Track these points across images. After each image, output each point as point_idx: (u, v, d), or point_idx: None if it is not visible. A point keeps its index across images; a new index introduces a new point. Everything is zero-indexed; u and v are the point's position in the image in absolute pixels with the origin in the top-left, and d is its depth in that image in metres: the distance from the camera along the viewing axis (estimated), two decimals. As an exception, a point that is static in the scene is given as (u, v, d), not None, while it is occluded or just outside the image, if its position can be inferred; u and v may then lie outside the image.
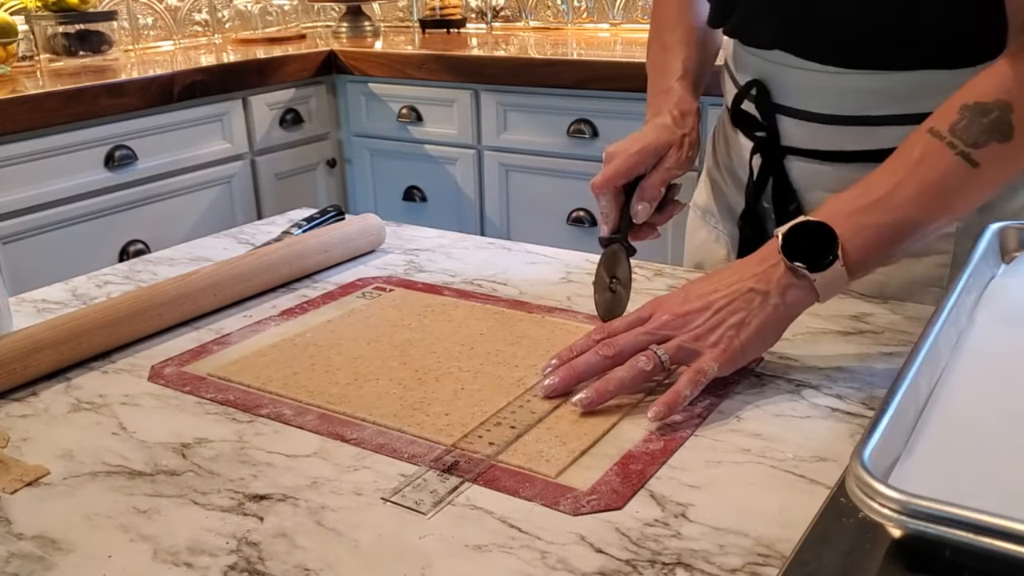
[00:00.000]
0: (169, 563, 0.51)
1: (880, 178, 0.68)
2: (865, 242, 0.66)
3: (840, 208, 0.67)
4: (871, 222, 0.66)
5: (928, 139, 0.67)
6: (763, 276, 0.66)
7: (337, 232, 0.97)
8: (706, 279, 0.69)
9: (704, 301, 0.67)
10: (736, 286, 0.67)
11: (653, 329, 0.67)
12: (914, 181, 0.67)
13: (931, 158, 0.67)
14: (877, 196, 0.67)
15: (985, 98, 0.67)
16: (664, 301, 0.69)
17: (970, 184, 0.67)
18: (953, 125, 0.67)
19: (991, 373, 0.57)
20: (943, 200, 0.67)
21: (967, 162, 0.66)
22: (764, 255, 0.68)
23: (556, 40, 2.44)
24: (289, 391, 0.69)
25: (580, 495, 0.55)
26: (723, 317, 0.66)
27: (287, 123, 2.26)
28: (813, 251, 0.65)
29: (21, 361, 0.71)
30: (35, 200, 1.79)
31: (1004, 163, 0.68)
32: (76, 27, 2.23)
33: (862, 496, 0.44)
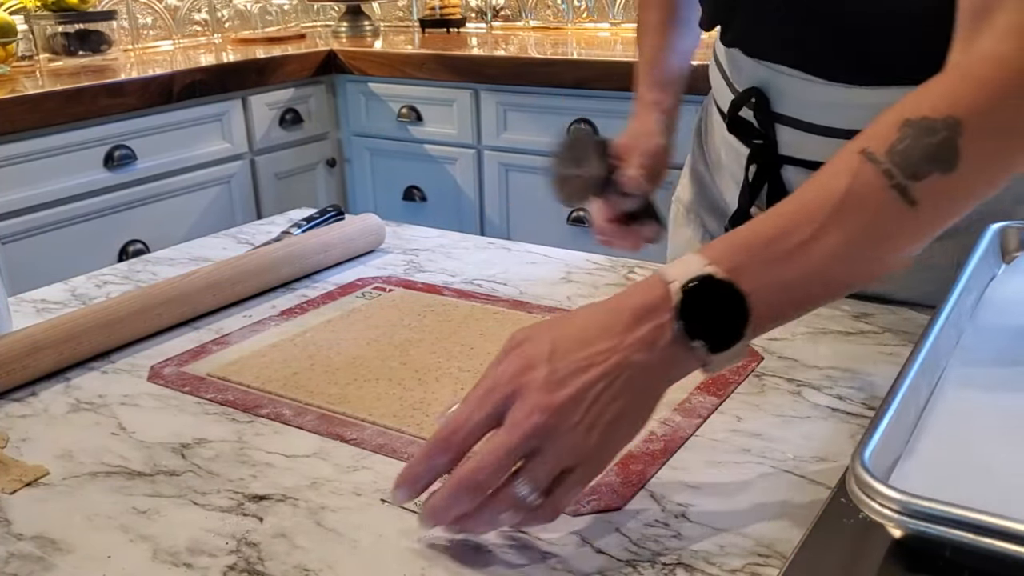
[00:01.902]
0: (169, 563, 0.51)
1: (800, 216, 0.53)
2: (775, 306, 0.53)
3: (749, 255, 0.52)
4: (785, 278, 0.52)
5: (859, 164, 0.53)
6: (646, 341, 0.51)
7: (337, 232, 0.97)
8: (575, 334, 0.52)
9: (578, 385, 0.50)
10: (616, 358, 0.50)
11: (519, 442, 0.49)
12: (841, 225, 0.52)
13: (861, 191, 0.53)
14: (795, 243, 0.52)
15: (933, 113, 0.53)
16: (527, 374, 0.50)
17: (905, 230, 0.54)
18: (892, 146, 0.53)
19: (991, 373, 0.57)
20: (872, 250, 0.54)
21: (904, 199, 0.52)
22: (646, 303, 0.52)
23: (556, 40, 2.44)
24: (289, 391, 0.69)
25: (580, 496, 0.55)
26: (599, 412, 0.50)
27: (287, 123, 2.26)
28: (716, 316, 0.52)
29: (20, 361, 0.71)
30: (34, 200, 1.79)
31: (944, 203, 0.54)
32: (75, 27, 2.22)
33: (862, 496, 0.44)
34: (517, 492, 0.49)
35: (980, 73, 0.56)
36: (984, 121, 0.54)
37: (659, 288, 0.52)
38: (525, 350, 0.52)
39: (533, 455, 0.49)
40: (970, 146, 0.53)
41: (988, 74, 0.55)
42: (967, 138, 0.53)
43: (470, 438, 0.51)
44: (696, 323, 0.51)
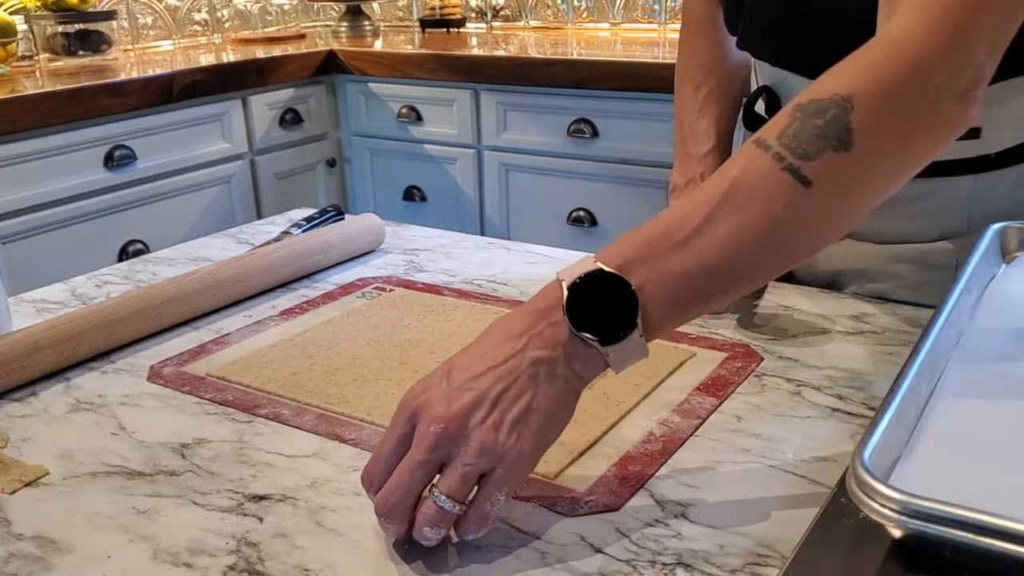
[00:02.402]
0: (169, 563, 0.51)
1: (690, 207, 0.53)
2: (669, 299, 0.52)
3: (638, 251, 0.52)
4: (676, 270, 0.52)
5: (751, 151, 0.53)
6: (544, 338, 0.51)
7: (337, 232, 0.97)
8: (471, 351, 0.53)
9: (476, 391, 0.50)
10: (514, 359, 0.51)
11: (425, 456, 0.50)
12: (729, 213, 0.51)
13: (753, 176, 0.52)
14: (684, 234, 0.52)
15: (821, 95, 0.53)
16: (424, 394, 0.51)
17: (801, 212, 0.52)
18: (783, 131, 0.52)
19: (991, 373, 0.57)
20: (769, 236, 0.52)
21: (797, 180, 0.51)
22: (543, 306, 0.52)
23: (556, 40, 2.44)
24: (288, 391, 0.69)
25: (578, 496, 0.55)
26: (505, 408, 0.50)
27: (287, 123, 2.26)
28: (605, 309, 0.52)
29: (20, 361, 0.71)
30: (34, 200, 1.78)
31: (842, 182, 0.52)
32: (75, 27, 2.22)
33: (862, 496, 0.44)
34: (435, 503, 0.49)
35: (883, 51, 0.55)
36: (878, 98, 0.53)
37: (554, 289, 0.52)
38: (423, 381, 0.53)
39: (444, 465, 0.50)
40: (864, 123, 0.52)
41: (890, 51, 0.54)
42: (860, 114, 0.52)
43: (387, 469, 0.51)
44: (583, 316, 0.51)
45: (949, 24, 0.54)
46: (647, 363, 0.71)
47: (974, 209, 0.80)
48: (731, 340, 0.76)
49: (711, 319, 0.80)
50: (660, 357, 0.72)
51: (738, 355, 0.73)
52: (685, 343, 0.75)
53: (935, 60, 0.54)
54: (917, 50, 0.54)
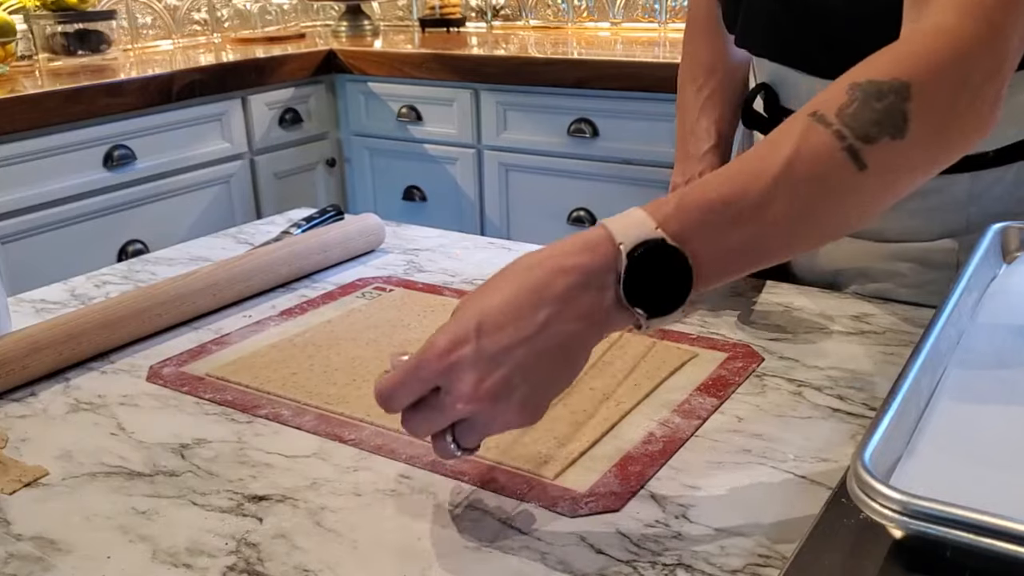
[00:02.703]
0: (168, 564, 0.51)
1: (748, 174, 0.52)
2: (719, 270, 0.52)
3: (698, 219, 0.51)
4: (732, 244, 0.51)
5: (809, 125, 0.52)
6: (584, 311, 0.49)
7: (336, 232, 0.97)
8: (504, 304, 0.49)
9: (509, 365, 0.49)
10: (550, 330, 0.49)
11: (446, 422, 0.50)
12: (790, 187, 0.51)
13: (814, 151, 0.51)
14: (744, 207, 0.51)
15: (879, 76, 0.53)
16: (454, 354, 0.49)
17: (853, 195, 0.52)
18: (841, 108, 0.52)
19: (993, 374, 0.57)
20: (822, 216, 0.53)
21: (855, 162, 0.51)
22: (590, 264, 0.50)
23: (556, 39, 2.44)
24: (288, 391, 0.69)
25: (578, 497, 0.55)
26: (532, 384, 0.50)
27: (286, 122, 2.26)
28: (660, 283, 0.50)
29: (20, 361, 0.71)
30: (34, 200, 1.78)
31: (892, 169, 0.53)
32: (75, 26, 2.22)
33: (863, 497, 0.44)
34: (445, 443, 0.51)
35: (924, 43, 0.55)
36: (930, 88, 0.53)
37: (606, 247, 0.50)
38: (452, 326, 0.50)
39: (462, 421, 0.50)
40: (918, 112, 0.52)
41: (931, 44, 0.55)
42: (915, 103, 0.52)
43: (396, 409, 0.51)
44: (640, 291, 0.50)
45: (983, 20, 0.54)
46: (648, 363, 0.71)
47: (973, 207, 0.80)
48: (732, 340, 0.76)
49: (712, 319, 0.80)
50: (661, 357, 0.72)
51: (739, 355, 0.73)
52: (686, 343, 0.75)
53: (975, 54, 0.54)
54: (957, 43, 0.54)
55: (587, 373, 0.70)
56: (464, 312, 0.50)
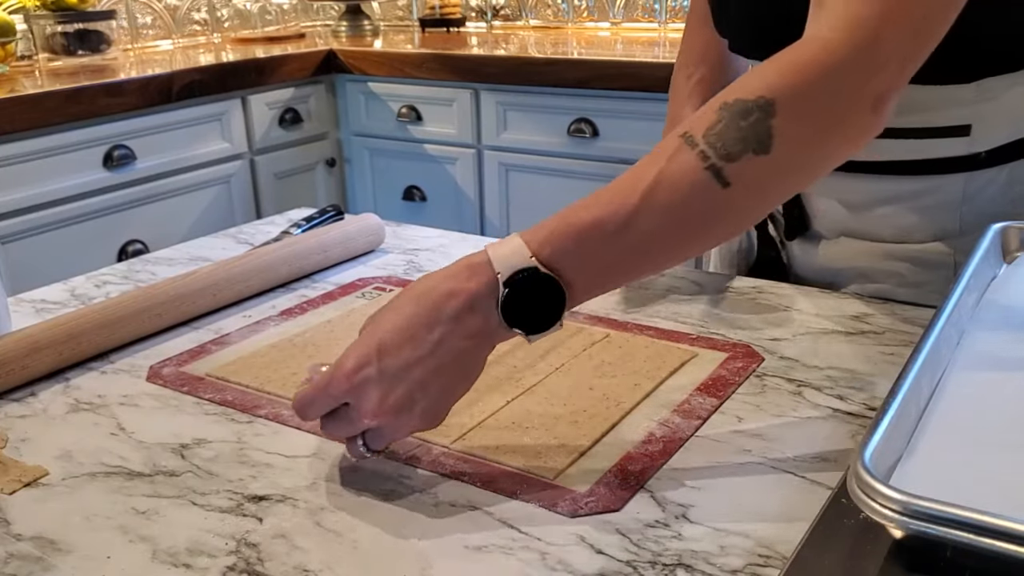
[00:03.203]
0: (168, 564, 0.51)
1: (619, 196, 0.55)
2: (593, 287, 0.57)
3: (570, 243, 0.55)
4: (602, 263, 0.56)
5: (679, 146, 0.55)
6: (472, 330, 0.55)
7: (336, 232, 0.97)
8: (401, 327, 0.55)
9: (408, 383, 0.54)
10: (444, 347, 0.54)
11: (353, 433, 0.57)
12: (658, 207, 0.54)
13: (678, 173, 0.54)
14: (613, 228, 0.54)
15: (746, 95, 0.55)
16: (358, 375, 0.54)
17: (717, 210, 0.55)
18: (708, 129, 0.54)
19: (992, 373, 0.57)
20: (687, 231, 0.56)
21: (717, 180, 0.54)
22: (475, 289, 0.54)
23: (556, 39, 2.44)
24: (288, 391, 0.69)
25: (578, 497, 0.55)
26: (431, 395, 0.55)
27: (286, 122, 2.26)
28: (536, 307, 0.55)
29: (20, 361, 0.71)
30: (34, 200, 1.78)
31: (759, 185, 0.55)
32: (75, 26, 2.22)
33: (863, 497, 0.44)
34: (359, 449, 0.57)
35: (799, 56, 0.56)
36: (797, 103, 0.54)
37: (486, 275, 0.55)
38: (356, 348, 0.56)
39: (372, 429, 0.56)
40: (784, 127, 0.54)
41: (807, 57, 0.56)
42: (780, 119, 0.53)
43: (312, 419, 0.58)
44: (517, 314, 0.55)
45: (864, 32, 0.55)
46: (648, 363, 0.71)
47: (967, 208, 0.80)
48: (732, 340, 0.76)
49: (712, 319, 0.80)
50: (661, 357, 0.72)
51: (739, 355, 0.73)
52: (686, 343, 0.75)
53: (849, 66, 0.55)
54: (833, 56, 0.55)
55: (587, 374, 0.70)
56: (367, 335, 0.56)
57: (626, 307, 0.83)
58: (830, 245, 0.89)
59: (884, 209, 0.83)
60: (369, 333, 0.56)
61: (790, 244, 0.92)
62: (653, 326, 0.79)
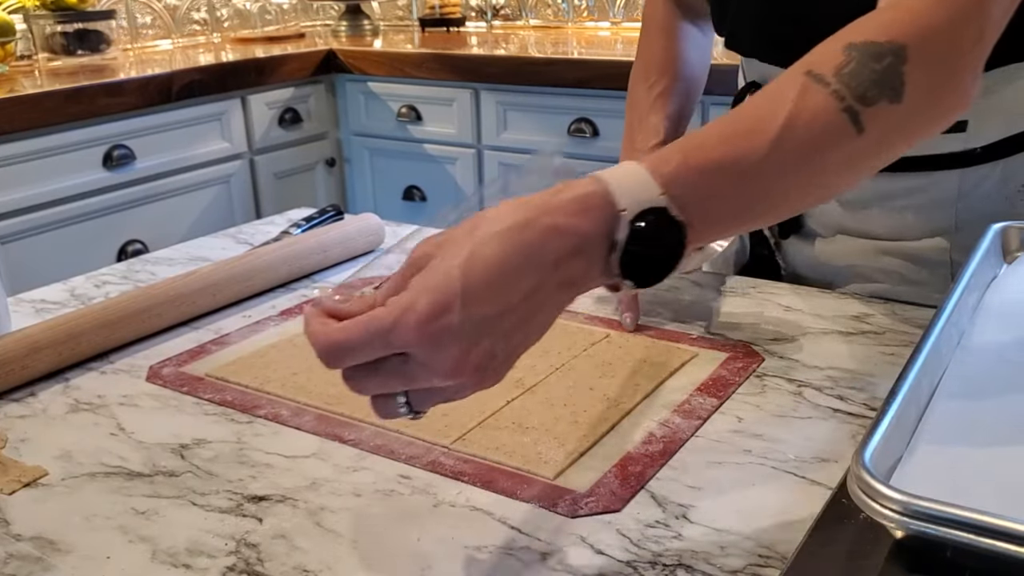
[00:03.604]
0: (168, 564, 0.51)
1: (749, 137, 0.49)
2: (709, 232, 0.50)
3: (702, 183, 0.48)
4: (730, 207, 0.50)
5: (806, 84, 0.50)
6: (573, 278, 0.46)
7: (336, 232, 0.97)
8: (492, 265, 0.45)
9: (493, 337, 0.45)
10: (535, 298, 0.45)
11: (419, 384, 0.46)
12: (791, 148, 0.49)
13: (810, 112, 0.49)
14: (746, 168, 0.49)
15: (876, 37, 0.51)
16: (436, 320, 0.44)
17: (849, 157, 0.51)
18: (839, 68, 0.50)
19: (992, 374, 0.57)
20: (819, 177, 0.51)
21: (853, 124, 0.50)
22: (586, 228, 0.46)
23: (556, 39, 2.44)
24: (288, 392, 0.69)
25: (578, 497, 0.55)
26: (511, 351, 0.46)
27: (286, 122, 2.26)
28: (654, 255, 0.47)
29: (19, 361, 0.71)
30: (33, 200, 1.78)
31: (888, 133, 0.52)
32: (74, 26, 2.22)
33: (863, 497, 0.44)
34: (395, 402, 0.47)
35: (916, 5, 0.54)
36: (925, 49, 0.52)
37: (605, 211, 0.46)
38: (433, 282, 0.44)
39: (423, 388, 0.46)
40: (914, 74, 0.51)
41: (923, 6, 0.54)
42: (911, 65, 0.51)
43: (342, 366, 0.46)
44: (634, 262, 0.47)
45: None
46: (648, 363, 0.71)
47: (963, 205, 0.80)
48: (732, 340, 0.76)
49: (712, 319, 0.80)
50: (661, 357, 0.72)
51: (739, 355, 0.73)
52: (686, 343, 0.75)
53: (964, 19, 0.53)
54: (948, 7, 0.53)
55: (587, 374, 0.70)
56: (446, 271, 0.45)
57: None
58: (826, 243, 0.89)
59: (879, 206, 0.83)
60: (448, 270, 0.45)
61: (784, 243, 0.92)
62: (653, 326, 0.79)
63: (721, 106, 1.48)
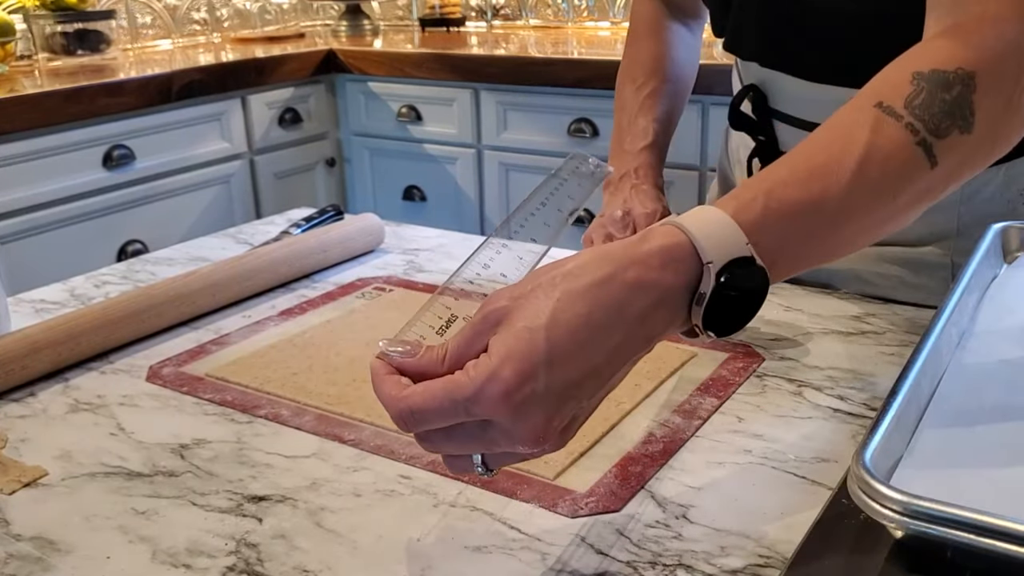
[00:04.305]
0: (168, 564, 0.51)
1: (826, 176, 0.48)
2: (790, 272, 0.49)
3: (785, 228, 0.47)
4: (817, 247, 0.49)
5: (878, 116, 0.49)
6: (657, 332, 0.45)
7: (336, 232, 0.97)
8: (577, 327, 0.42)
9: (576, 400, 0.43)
10: (621, 357, 0.44)
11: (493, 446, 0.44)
12: (870, 185, 0.48)
13: (887, 147, 0.48)
14: (829, 211, 0.48)
15: (943, 65, 0.50)
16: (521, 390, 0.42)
17: (923, 191, 0.50)
18: (909, 99, 0.49)
19: (993, 374, 0.57)
20: (893, 213, 0.50)
21: (927, 157, 0.49)
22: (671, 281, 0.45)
23: (556, 39, 2.44)
24: (288, 392, 0.69)
25: (578, 497, 0.55)
26: (594, 400, 0.45)
27: (286, 122, 2.26)
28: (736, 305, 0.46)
29: (19, 361, 0.71)
30: (33, 200, 1.78)
31: (959, 165, 0.51)
32: (74, 26, 2.22)
33: (864, 497, 0.44)
34: (469, 460, 0.46)
35: (977, 32, 0.53)
36: (993, 78, 0.51)
37: (689, 263, 0.44)
38: (517, 348, 0.42)
39: None
40: (983, 104, 0.50)
41: (986, 32, 0.53)
42: (980, 94, 0.50)
43: (421, 430, 0.45)
44: (719, 317, 0.45)
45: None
46: (648, 363, 0.71)
47: (965, 209, 0.80)
48: (732, 340, 0.76)
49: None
50: (661, 357, 0.72)
51: (739, 355, 0.73)
52: (686, 343, 0.75)
53: (1018, 46, 0.52)
54: (1014, 34, 0.52)
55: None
56: (529, 336, 0.42)
57: None
58: None
59: None
60: (531, 334, 0.42)
61: None
62: (653, 326, 0.79)
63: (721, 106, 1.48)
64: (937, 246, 0.82)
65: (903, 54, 0.53)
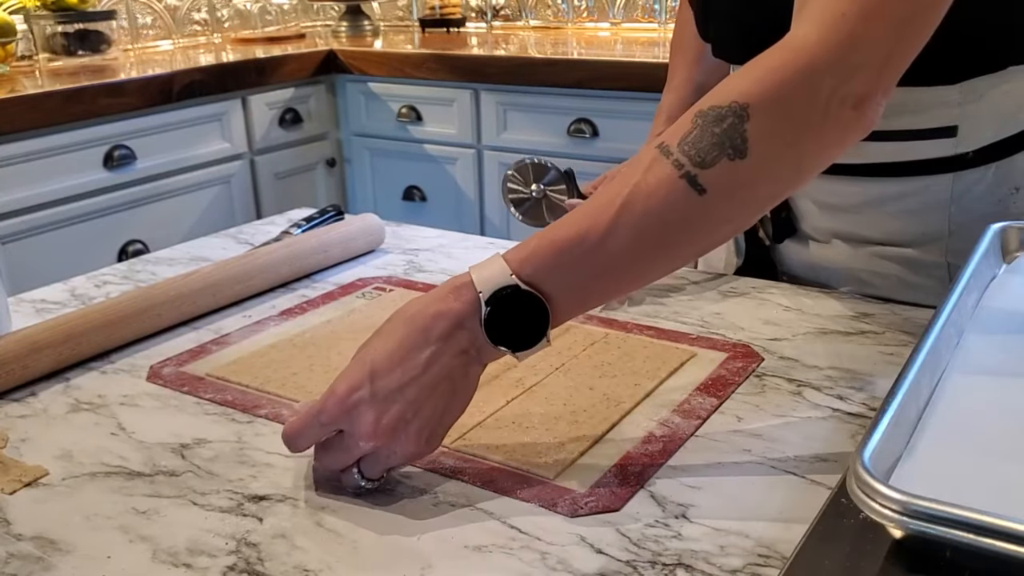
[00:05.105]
0: (168, 564, 0.51)
1: (598, 210, 0.55)
2: (576, 304, 0.58)
3: (551, 260, 0.55)
4: (583, 280, 0.56)
5: (654, 156, 0.55)
6: (460, 344, 0.55)
7: (336, 232, 0.97)
8: (391, 350, 0.55)
9: (402, 403, 0.54)
10: (435, 367, 0.55)
11: (350, 460, 0.55)
12: (634, 219, 0.54)
13: (653, 183, 0.54)
14: (592, 241, 0.55)
15: (720, 101, 0.54)
16: (351, 397, 0.54)
17: (695, 219, 0.55)
18: (683, 137, 0.54)
19: (992, 373, 0.57)
20: (665, 241, 0.55)
21: (693, 188, 0.53)
22: (459, 309, 0.55)
23: (556, 39, 2.44)
24: (288, 391, 0.69)
25: (578, 496, 0.55)
26: (427, 415, 0.55)
27: (286, 123, 2.26)
28: (520, 324, 0.56)
29: (20, 361, 0.71)
30: (34, 200, 1.78)
31: (735, 191, 0.54)
32: (75, 26, 2.22)
33: (863, 497, 0.44)
34: (356, 480, 0.56)
35: (773, 60, 0.56)
36: (771, 107, 0.54)
37: (469, 294, 0.56)
38: (348, 373, 0.56)
39: (367, 455, 0.55)
40: (758, 131, 0.53)
41: (781, 60, 0.55)
42: (754, 123, 0.53)
43: (302, 449, 0.57)
44: (502, 331, 0.56)
45: (843, 32, 0.54)
46: (648, 363, 0.71)
47: (956, 209, 0.80)
48: (732, 340, 0.76)
49: (712, 319, 0.80)
50: (661, 357, 0.72)
51: (739, 355, 0.73)
52: (685, 343, 0.75)
53: (825, 68, 0.54)
54: (809, 58, 0.54)
55: (587, 374, 0.70)
56: (357, 360, 0.56)
57: (626, 307, 0.83)
58: (821, 247, 0.89)
59: (871, 211, 0.83)
60: (360, 358, 0.56)
61: (780, 246, 0.92)
62: (653, 326, 0.79)
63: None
64: (932, 246, 0.82)
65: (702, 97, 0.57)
